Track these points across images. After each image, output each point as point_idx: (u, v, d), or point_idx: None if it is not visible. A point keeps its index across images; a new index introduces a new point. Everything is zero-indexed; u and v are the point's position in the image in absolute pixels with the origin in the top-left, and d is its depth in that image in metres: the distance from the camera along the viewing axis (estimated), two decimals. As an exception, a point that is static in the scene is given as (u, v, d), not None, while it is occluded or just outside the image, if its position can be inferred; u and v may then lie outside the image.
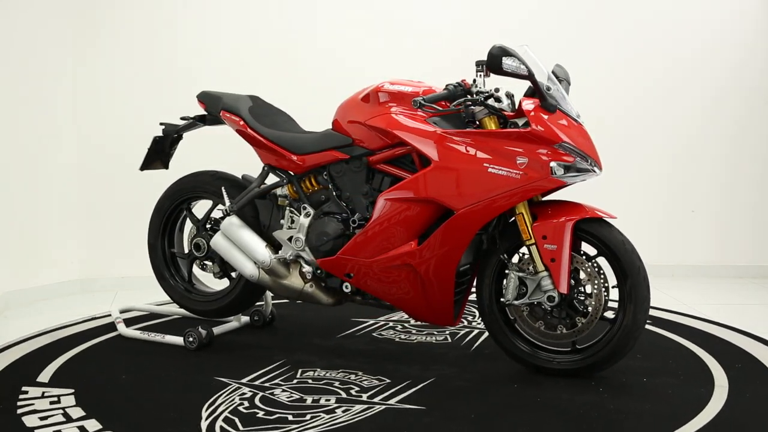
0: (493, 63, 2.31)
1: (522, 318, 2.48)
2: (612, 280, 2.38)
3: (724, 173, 4.32)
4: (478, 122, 2.47)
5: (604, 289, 2.39)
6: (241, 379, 2.46)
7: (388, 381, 2.44)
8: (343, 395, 2.31)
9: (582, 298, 2.42)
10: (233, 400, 2.27)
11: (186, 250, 3.10)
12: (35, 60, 3.82)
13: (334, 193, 2.66)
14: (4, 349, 2.85)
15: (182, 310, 3.26)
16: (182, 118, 3.04)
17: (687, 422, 2.08)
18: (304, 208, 2.72)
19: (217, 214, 3.03)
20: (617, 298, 2.41)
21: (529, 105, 2.36)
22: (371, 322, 3.22)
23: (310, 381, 2.45)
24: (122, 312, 3.30)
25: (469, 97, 2.39)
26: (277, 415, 2.14)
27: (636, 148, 4.28)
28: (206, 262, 3.02)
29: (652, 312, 3.11)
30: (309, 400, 2.27)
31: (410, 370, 2.54)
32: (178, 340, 2.84)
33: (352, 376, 2.49)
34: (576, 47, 4.17)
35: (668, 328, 3.05)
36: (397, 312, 3.32)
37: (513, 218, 2.47)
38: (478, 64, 2.43)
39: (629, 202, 4.18)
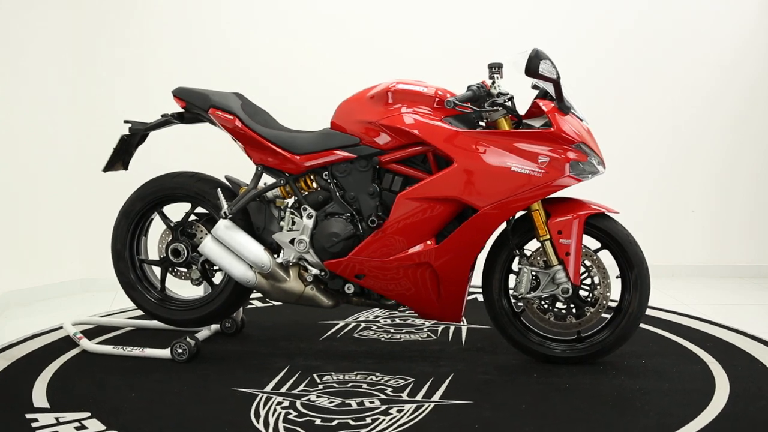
0: (532, 66, 2.39)
1: (532, 310, 2.58)
2: (613, 270, 2.57)
3: (723, 173, 4.38)
4: (486, 122, 2.57)
5: (608, 280, 2.56)
6: (263, 388, 2.38)
7: (412, 379, 2.46)
8: (382, 396, 2.30)
9: (588, 288, 2.58)
10: (275, 410, 2.20)
11: (159, 256, 2.88)
12: (34, 59, 3.81)
13: (337, 194, 2.62)
14: (3, 350, 2.81)
15: (136, 321, 3.15)
16: (163, 116, 2.89)
17: (713, 395, 2.29)
18: (305, 209, 2.65)
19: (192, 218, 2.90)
20: (620, 288, 2.59)
21: (546, 107, 2.48)
22: (341, 323, 3.20)
23: (336, 385, 2.41)
24: (74, 325, 3.06)
25: (495, 99, 2.48)
26: (337, 421, 2.11)
27: (635, 148, 4.34)
28: (180, 268, 2.86)
29: (650, 312, 3.29)
30: (353, 403, 2.24)
31: (423, 368, 2.58)
32: (162, 352, 2.68)
33: (372, 377, 2.48)
34: (574, 47, 4.23)
35: (666, 328, 3.09)
36: (366, 311, 3.40)
37: (521, 215, 2.58)
38: (492, 66, 2.53)
39: (629, 201, 4.15)
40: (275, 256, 2.69)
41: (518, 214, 2.59)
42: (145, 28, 4.12)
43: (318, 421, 2.10)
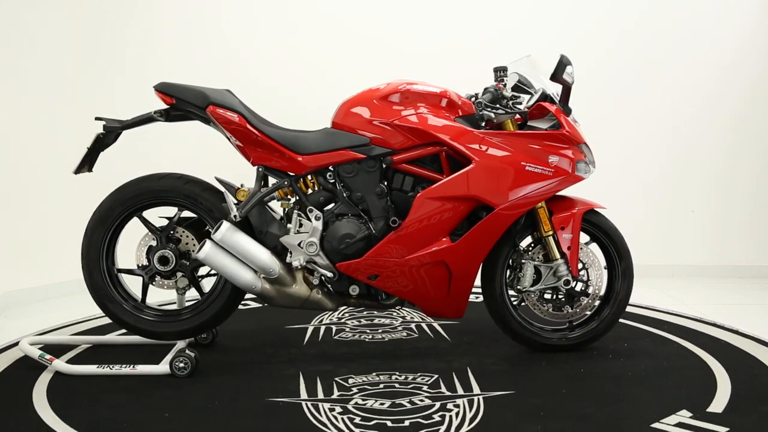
0: (560, 70, 2.53)
1: (532, 303, 2.69)
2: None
3: (723, 173, 4.40)
4: (487, 123, 2.63)
5: (599, 271, 2.73)
6: (298, 396, 2.29)
7: (435, 375, 2.48)
8: (425, 394, 2.31)
9: (584, 280, 2.72)
10: (335, 416, 2.13)
11: (137, 264, 2.69)
12: (34, 59, 3.81)
13: (344, 194, 2.61)
14: (4, 350, 2.77)
15: (91, 337, 2.94)
16: (155, 112, 2.70)
17: (717, 371, 2.49)
18: (311, 211, 2.60)
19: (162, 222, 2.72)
20: (609, 278, 2.78)
21: (554, 109, 2.59)
22: (311, 327, 3.15)
23: (368, 387, 2.38)
24: (32, 345, 2.74)
25: (511, 100, 2.59)
26: (408, 421, 2.09)
27: (635, 148, 4.36)
28: (162, 277, 2.68)
29: (649, 312, 3.40)
30: (405, 403, 2.23)
31: (433, 364, 2.60)
32: (159, 368, 2.50)
33: (396, 376, 2.48)
34: (574, 47, 4.16)
35: (663, 328, 3.10)
36: (326, 314, 3.38)
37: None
38: (498, 69, 2.62)
39: (629, 201, 4.28)
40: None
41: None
42: (145, 28, 4.14)
43: (389, 423, 2.07)
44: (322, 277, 2.63)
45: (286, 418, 2.12)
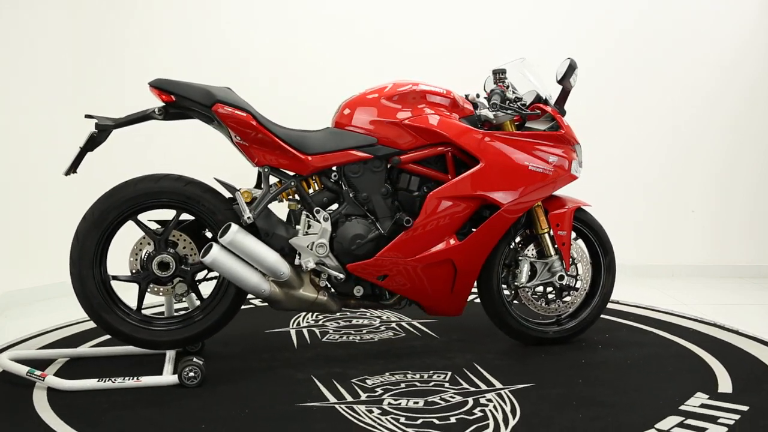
0: (569, 73, 2.64)
1: (526, 298, 2.77)
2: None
3: (723, 173, 4.40)
4: (485, 123, 2.66)
5: (587, 266, 2.83)
6: (328, 400, 2.23)
7: (448, 372, 2.49)
8: (452, 390, 2.31)
9: (574, 274, 2.81)
10: (377, 418, 2.08)
11: (131, 270, 2.56)
12: (34, 59, 3.81)
13: (350, 195, 2.59)
14: (4, 350, 2.74)
15: (68, 350, 2.77)
16: (158, 110, 2.57)
17: (713, 357, 2.60)
18: (318, 212, 2.56)
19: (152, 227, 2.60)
20: (594, 272, 2.88)
21: (552, 111, 2.67)
22: (292, 330, 3.09)
23: (390, 387, 2.35)
24: (13, 361, 2.51)
25: (515, 101, 2.65)
26: (453, 418, 2.08)
27: (635, 148, 4.37)
28: (155, 283, 2.55)
29: (649, 313, 3.41)
30: (438, 401, 2.22)
31: (438, 361, 2.61)
32: (166, 379, 2.37)
33: (409, 375, 2.47)
34: (574, 47, 4.17)
35: (664, 328, 3.09)
36: (300, 316, 3.34)
37: None
38: (498, 71, 2.67)
39: (629, 201, 4.31)
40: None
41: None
42: (145, 28, 4.14)
43: (436, 421, 2.06)
44: (329, 279, 2.60)
45: (329, 422, 2.06)
